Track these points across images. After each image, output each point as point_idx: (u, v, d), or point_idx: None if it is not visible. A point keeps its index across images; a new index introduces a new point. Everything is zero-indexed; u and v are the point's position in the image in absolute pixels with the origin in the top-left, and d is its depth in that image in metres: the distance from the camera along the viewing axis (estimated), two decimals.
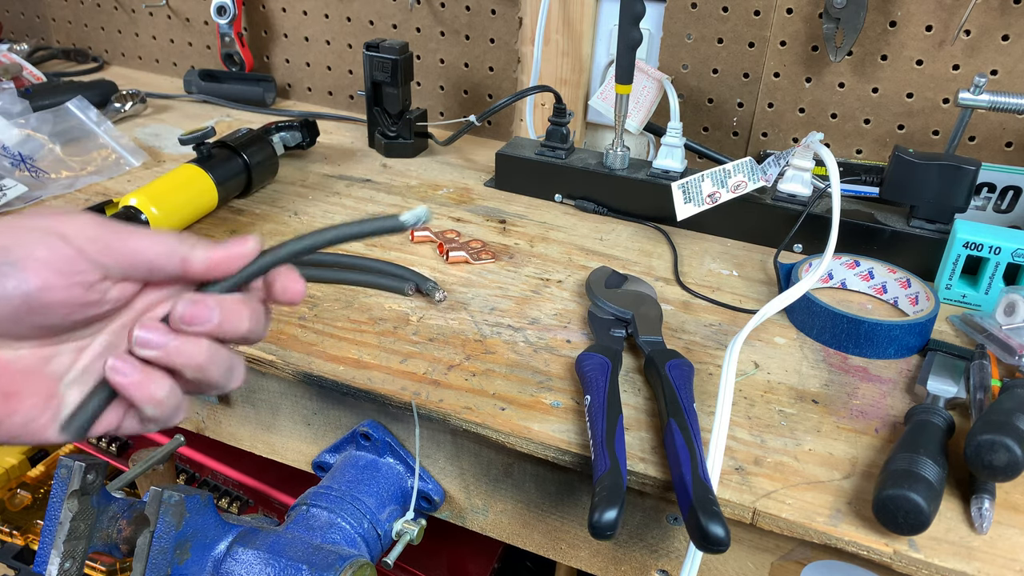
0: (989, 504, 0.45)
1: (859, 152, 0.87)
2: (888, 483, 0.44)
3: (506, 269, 0.72)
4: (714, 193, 0.74)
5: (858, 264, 0.69)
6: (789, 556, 0.49)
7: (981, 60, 0.78)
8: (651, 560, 0.53)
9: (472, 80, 1.03)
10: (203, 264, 0.36)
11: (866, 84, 0.83)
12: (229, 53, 1.11)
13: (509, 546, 0.72)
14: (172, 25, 1.19)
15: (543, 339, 0.61)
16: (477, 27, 0.99)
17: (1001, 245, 0.64)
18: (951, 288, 0.68)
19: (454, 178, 0.92)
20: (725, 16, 0.86)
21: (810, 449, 0.51)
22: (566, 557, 0.57)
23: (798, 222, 0.74)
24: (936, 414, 0.50)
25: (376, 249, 0.74)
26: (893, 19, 0.79)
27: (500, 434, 0.52)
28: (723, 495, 0.47)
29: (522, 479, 0.55)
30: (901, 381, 0.58)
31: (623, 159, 0.82)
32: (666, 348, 0.57)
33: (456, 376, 0.56)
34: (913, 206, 0.72)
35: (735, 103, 0.90)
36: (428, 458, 0.58)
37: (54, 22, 1.29)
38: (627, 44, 0.74)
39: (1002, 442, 0.44)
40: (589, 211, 0.84)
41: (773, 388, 0.57)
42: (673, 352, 0.56)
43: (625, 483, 0.46)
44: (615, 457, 0.46)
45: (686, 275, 0.72)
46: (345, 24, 1.07)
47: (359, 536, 0.53)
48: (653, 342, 0.58)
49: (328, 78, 1.13)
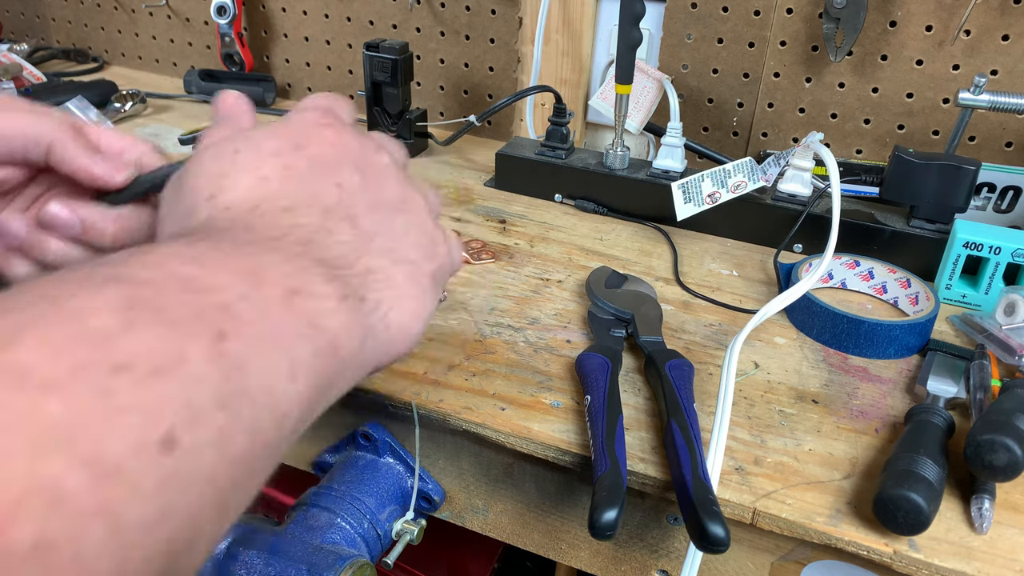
0: (989, 504, 0.45)
1: (859, 152, 0.87)
2: (888, 483, 0.44)
3: (506, 269, 0.72)
4: (714, 193, 0.74)
5: (858, 264, 0.69)
6: (789, 556, 0.49)
7: (981, 60, 0.78)
8: (651, 560, 0.53)
9: (472, 80, 1.03)
10: (72, 166, 0.37)
11: (866, 84, 0.83)
12: (229, 53, 1.11)
13: (509, 546, 0.72)
14: (172, 25, 1.19)
15: (543, 339, 0.61)
16: (477, 27, 0.99)
17: (1001, 245, 0.65)
18: (951, 288, 0.68)
19: (454, 178, 0.92)
20: (725, 16, 0.86)
21: (810, 449, 0.51)
22: (566, 557, 0.57)
23: (798, 222, 0.74)
24: (936, 414, 0.50)
25: None
26: (893, 19, 0.79)
27: (500, 434, 0.52)
28: (723, 495, 0.47)
29: (522, 479, 0.55)
30: (901, 381, 0.58)
31: (623, 159, 0.82)
32: (666, 348, 0.57)
33: (456, 376, 0.56)
34: (913, 206, 0.72)
35: (735, 103, 0.90)
36: (428, 458, 0.58)
37: (54, 22, 1.29)
38: (627, 44, 0.74)
39: (1002, 442, 0.44)
40: (589, 211, 0.84)
41: (773, 388, 0.57)
42: (673, 352, 0.56)
43: (625, 483, 0.46)
44: (615, 457, 0.46)
45: (686, 275, 0.72)
46: (345, 24, 1.07)
47: (359, 536, 0.53)
48: (653, 342, 0.58)
49: (328, 78, 1.13)
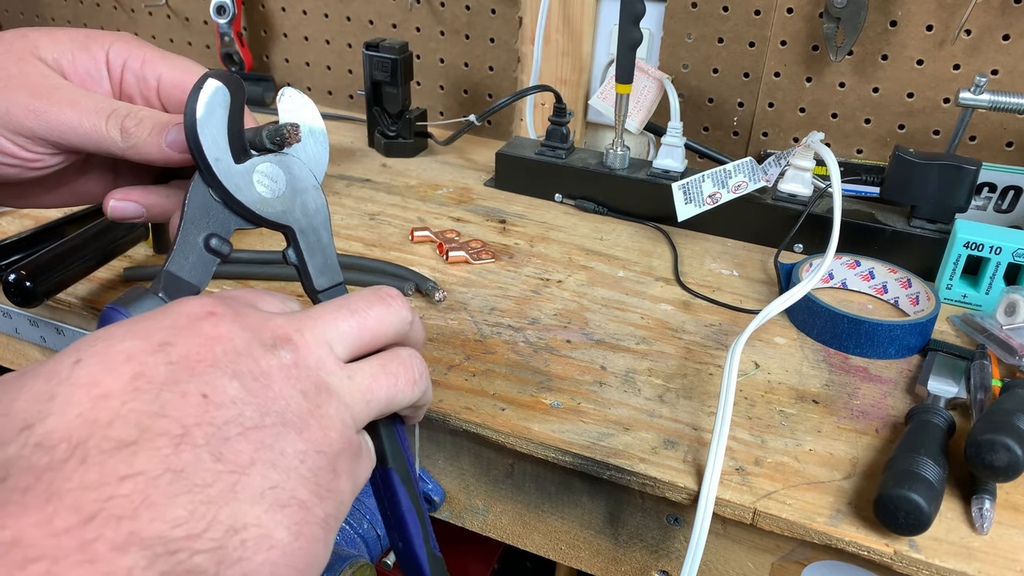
0: (990, 504, 0.45)
1: (859, 152, 0.87)
2: (889, 483, 0.44)
3: (506, 269, 0.72)
4: (715, 194, 0.74)
5: (859, 264, 0.69)
6: (789, 556, 0.49)
7: (982, 60, 0.78)
8: (651, 560, 0.53)
9: (472, 80, 1.03)
10: (134, 153, 0.38)
11: (866, 84, 0.83)
12: (228, 53, 1.11)
13: (509, 546, 0.72)
14: (172, 25, 1.19)
15: (543, 339, 0.61)
16: (477, 27, 0.99)
17: (1002, 245, 0.64)
18: (952, 288, 0.68)
19: (454, 178, 0.92)
20: (725, 16, 0.85)
21: (811, 449, 0.51)
22: (566, 557, 0.56)
23: (799, 222, 0.74)
24: (937, 414, 0.50)
25: (376, 249, 0.74)
26: (894, 19, 0.79)
27: (500, 434, 0.51)
28: (723, 495, 0.47)
29: (522, 479, 0.55)
30: (902, 381, 0.58)
31: (623, 159, 0.82)
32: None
33: (456, 376, 0.56)
34: (914, 206, 0.71)
35: (735, 103, 0.90)
36: (428, 458, 0.57)
37: (53, 21, 1.29)
38: (627, 44, 0.74)
39: (1003, 442, 0.44)
40: (589, 211, 0.83)
41: (773, 388, 0.57)
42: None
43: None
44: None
45: (686, 275, 0.72)
46: (345, 24, 1.07)
47: (359, 536, 0.53)
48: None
49: (328, 78, 1.13)
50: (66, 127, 0.37)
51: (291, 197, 0.37)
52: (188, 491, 0.23)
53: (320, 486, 0.26)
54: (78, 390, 0.24)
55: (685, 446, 0.51)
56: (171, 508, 0.22)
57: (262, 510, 0.24)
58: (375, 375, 0.31)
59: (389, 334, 0.33)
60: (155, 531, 0.21)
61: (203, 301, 0.29)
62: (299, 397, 0.27)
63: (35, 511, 0.21)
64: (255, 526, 0.24)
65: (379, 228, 0.78)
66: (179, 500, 0.22)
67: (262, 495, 0.24)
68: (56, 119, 0.37)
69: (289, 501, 0.25)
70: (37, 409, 0.23)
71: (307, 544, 0.25)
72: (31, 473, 0.21)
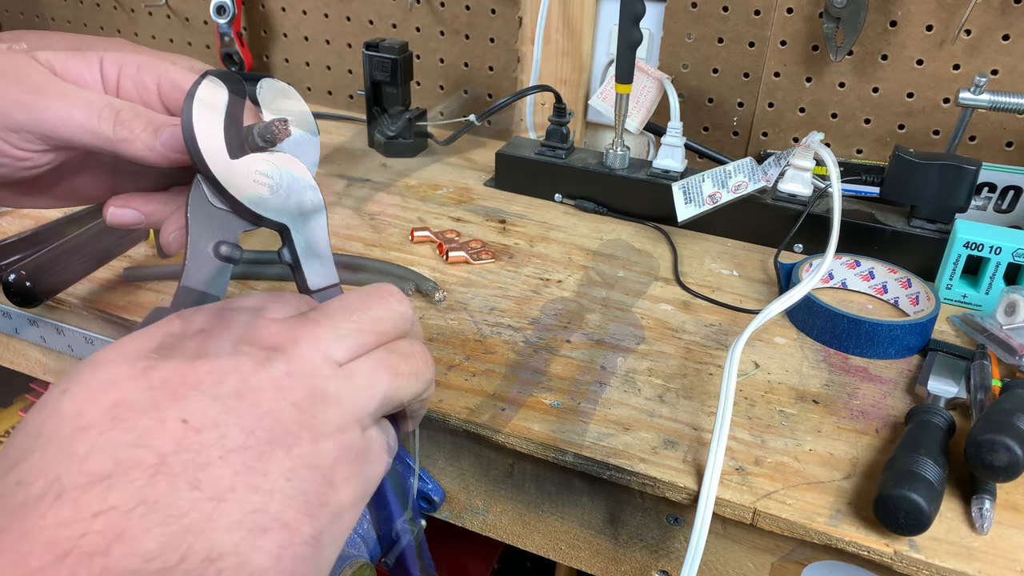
0: (990, 504, 0.45)
1: (859, 152, 0.87)
2: (889, 483, 0.44)
3: (506, 269, 0.72)
4: (715, 194, 0.74)
5: (859, 264, 0.69)
6: (789, 556, 0.49)
7: (982, 60, 0.78)
8: (651, 560, 0.53)
9: (472, 80, 1.03)
10: (126, 147, 0.38)
11: (866, 84, 0.83)
12: (228, 53, 1.11)
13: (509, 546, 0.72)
14: (171, 25, 1.19)
15: (543, 339, 0.61)
16: (477, 27, 0.99)
17: (1002, 245, 0.64)
18: (952, 288, 0.68)
19: (454, 178, 0.92)
20: (725, 16, 0.85)
21: (811, 449, 0.51)
22: (566, 557, 0.56)
23: (798, 222, 0.74)
24: (937, 414, 0.50)
25: (376, 249, 0.74)
26: (893, 19, 0.79)
27: (500, 434, 0.51)
28: (723, 495, 0.47)
29: (522, 479, 0.55)
30: (902, 381, 0.58)
31: (623, 159, 0.82)
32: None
33: (456, 376, 0.56)
34: (914, 206, 0.71)
35: (735, 103, 0.90)
36: (428, 458, 0.57)
37: (53, 21, 1.29)
38: (627, 44, 0.74)
39: (1003, 442, 0.44)
40: (589, 211, 0.83)
41: (773, 388, 0.57)
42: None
43: None
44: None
45: (686, 275, 0.72)
46: (345, 24, 1.07)
47: (359, 536, 0.53)
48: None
49: (328, 78, 1.13)
50: (56, 120, 0.37)
51: (287, 195, 0.37)
52: (162, 522, 0.22)
53: (310, 503, 0.26)
54: (63, 424, 0.24)
55: (685, 446, 0.51)
56: (144, 541, 0.22)
57: (239, 537, 0.23)
58: (373, 370, 0.30)
59: (391, 332, 0.32)
60: (128, 566, 0.21)
61: (195, 317, 0.28)
62: (290, 410, 0.26)
63: (10, 551, 0.21)
64: (232, 554, 0.23)
65: (379, 228, 0.78)
66: (152, 533, 0.22)
67: (240, 521, 0.23)
68: (46, 112, 0.36)
69: (271, 524, 0.24)
70: (26, 446, 0.23)
71: (291, 566, 0.24)
72: (6, 512, 0.22)
